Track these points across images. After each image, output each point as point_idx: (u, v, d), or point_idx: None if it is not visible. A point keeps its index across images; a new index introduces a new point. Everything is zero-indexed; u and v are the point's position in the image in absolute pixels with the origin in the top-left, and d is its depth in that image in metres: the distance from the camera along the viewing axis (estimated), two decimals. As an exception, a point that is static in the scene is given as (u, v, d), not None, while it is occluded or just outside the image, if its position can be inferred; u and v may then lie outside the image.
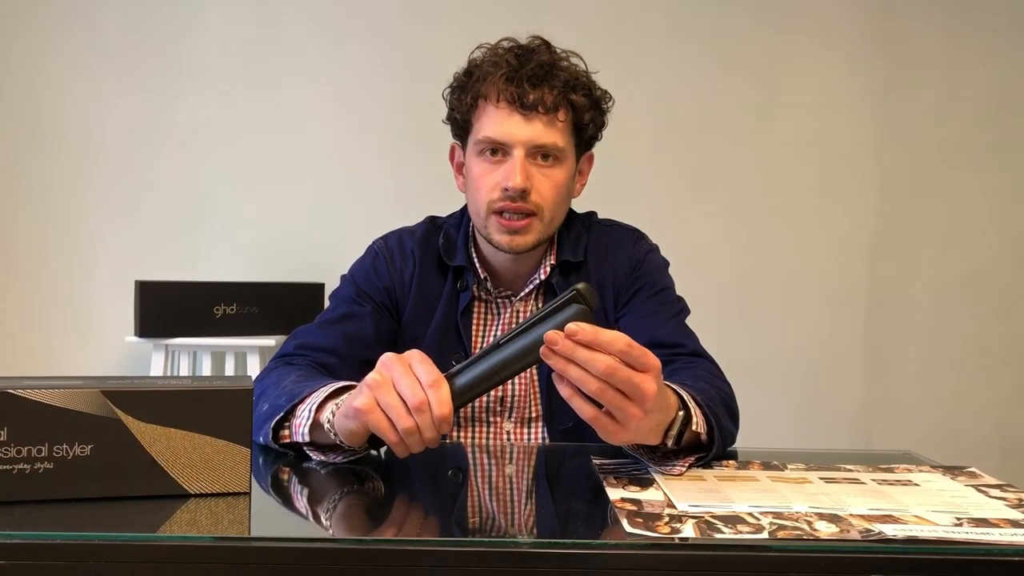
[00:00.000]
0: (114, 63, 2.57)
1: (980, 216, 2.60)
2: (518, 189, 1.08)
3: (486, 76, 1.11)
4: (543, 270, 1.18)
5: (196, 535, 0.63)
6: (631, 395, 0.75)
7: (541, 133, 1.10)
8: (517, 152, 1.09)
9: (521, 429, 1.18)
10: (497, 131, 1.10)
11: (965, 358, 2.60)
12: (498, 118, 1.10)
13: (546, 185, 1.11)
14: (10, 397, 0.67)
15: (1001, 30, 2.57)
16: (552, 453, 1.04)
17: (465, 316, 1.18)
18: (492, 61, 1.12)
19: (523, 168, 1.09)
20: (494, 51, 1.15)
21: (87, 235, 2.59)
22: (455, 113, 1.16)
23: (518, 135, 1.09)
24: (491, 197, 1.11)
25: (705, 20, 2.58)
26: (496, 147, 1.11)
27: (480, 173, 1.12)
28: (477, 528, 0.72)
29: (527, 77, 1.09)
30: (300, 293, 2.34)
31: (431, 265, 1.19)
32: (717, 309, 2.56)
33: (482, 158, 1.12)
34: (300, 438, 0.88)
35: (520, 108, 1.09)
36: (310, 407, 0.88)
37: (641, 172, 2.57)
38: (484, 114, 1.12)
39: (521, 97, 1.08)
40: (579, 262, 1.19)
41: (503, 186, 1.09)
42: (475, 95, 1.12)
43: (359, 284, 1.19)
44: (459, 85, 1.15)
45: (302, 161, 2.59)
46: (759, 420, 2.54)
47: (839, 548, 0.62)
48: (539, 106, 1.09)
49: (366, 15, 2.58)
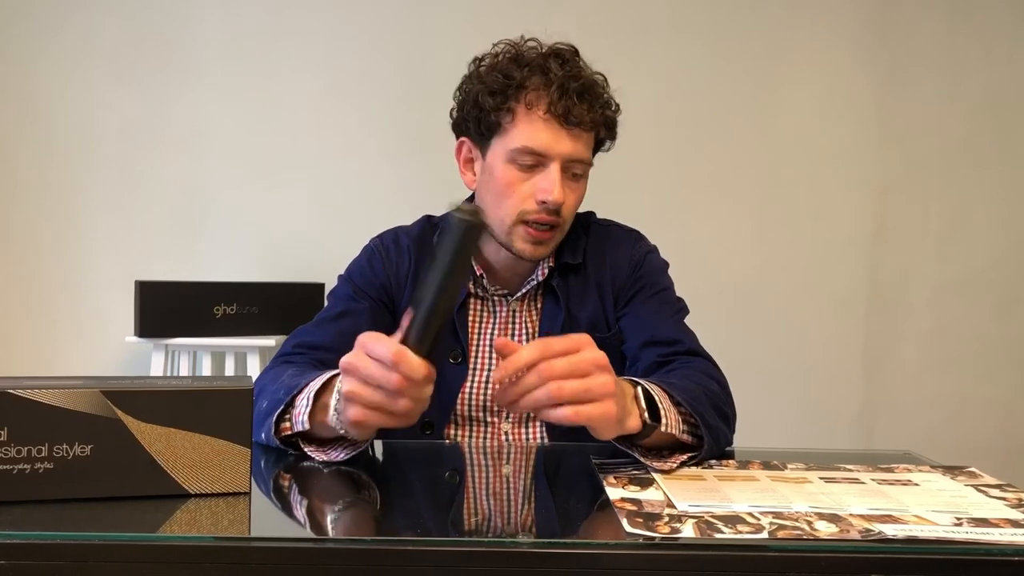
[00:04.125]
0: (114, 63, 2.57)
1: (980, 216, 2.60)
2: (558, 203, 1.09)
3: (531, 83, 1.09)
4: (541, 272, 1.19)
5: (196, 535, 0.63)
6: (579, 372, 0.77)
7: (579, 149, 1.11)
8: (555, 165, 1.09)
9: (519, 429, 1.18)
10: (539, 143, 1.08)
11: (965, 358, 2.59)
12: (543, 130, 1.08)
13: (572, 199, 1.13)
14: (10, 397, 0.67)
15: (1002, 29, 2.57)
16: (552, 453, 1.04)
17: (461, 313, 1.18)
18: (535, 66, 1.10)
19: (561, 182, 1.09)
20: (531, 54, 1.12)
21: (87, 235, 2.59)
22: (483, 113, 1.12)
23: (559, 149, 1.09)
24: (524, 207, 1.10)
25: (706, 19, 2.58)
26: (534, 158, 1.09)
27: (512, 180, 1.11)
28: (477, 528, 0.72)
29: (575, 92, 1.08)
30: (300, 293, 2.34)
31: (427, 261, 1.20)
32: (717, 309, 2.56)
33: (514, 165, 1.10)
34: (300, 426, 0.88)
35: (565, 122, 1.08)
36: (307, 396, 0.89)
37: (641, 172, 2.57)
38: (525, 122, 1.09)
39: (568, 112, 1.08)
40: (578, 264, 1.20)
41: (542, 199, 1.09)
42: (516, 99, 1.10)
43: (356, 282, 1.20)
44: (496, 87, 1.11)
45: (302, 161, 2.59)
46: (759, 420, 2.54)
47: (839, 548, 0.62)
48: (582, 123, 1.09)
49: (367, 16, 2.58)
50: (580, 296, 1.19)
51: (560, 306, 1.17)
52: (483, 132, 1.14)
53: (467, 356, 1.17)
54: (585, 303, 1.19)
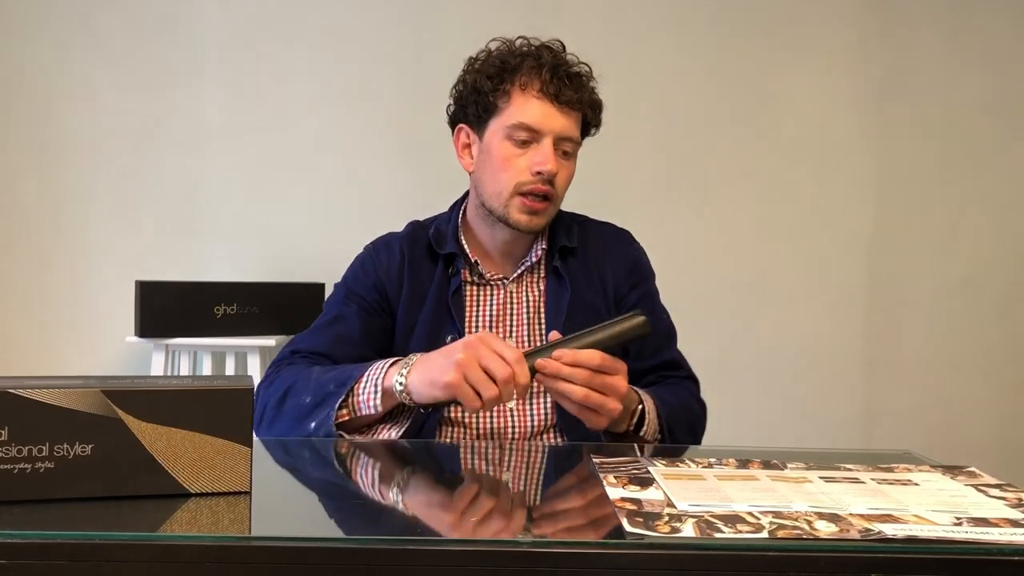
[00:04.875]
0: (115, 63, 2.57)
1: (980, 216, 2.60)
2: (552, 173, 1.18)
3: (524, 67, 1.19)
4: (534, 254, 1.27)
5: (196, 535, 0.63)
6: (608, 392, 1.00)
7: (569, 126, 1.20)
8: (548, 140, 1.19)
9: (523, 406, 1.22)
10: (533, 118, 1.18)
11: (965, 358, 2.59)
12: (537, 107, 1.18)
13: (563, 174, 1.22)
14: (11, 397, 0.67)
15: (1001, 30, 2.57)
16: (552, 453, 1.04)
17: (457, 299, 1.24)
18: (529, 54, 1.21)
19: (554, 154, 1.19)
20: (523, 47, 1.23)
21: (87, 235, 2.59)
22: (481, 96, 1.21)
23: (552, 125, 1.19)
24: (520, 179, 1.19)
25: (706, 19, 2.58)
26: (528, 133, 1.19)
27: (508, 155, 1.20)
28: (477, 528, 0.72)
29: (565, 74, 1.19)
30: (300, 293, 2.34)
31: (421, 256, 1.27)
32: (717, 309, 2.56)
33: (510, 141, 1.20)
34: (371, 410, 1.05)
35: (556, 101, 1.18)
36: (374, 382, 1.06)
37: (642, 171, 2.57)
38: (520, 101, 1.19)
39: (560, 91, 1.18)
40: (574, 247, 1.29)
41: (536, 170, 1.18)
42: (511, 82, 1.19)
43: (348, 286, 1.28)
44: (493, 72, 1.21)
45: (302, 161, 2.59)
46: (759, 420, 2.55)
47: (839, 548, 0.62)
48: (571, 102, 1.19)
49: (367, 16, 2.58)
50: (582, 278, 1.28)
51: (565, 286, 1.25)
52: (480, 115, 1.23)
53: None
54: (587, 285, 1.27)
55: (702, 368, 1.34)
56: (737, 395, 2.50)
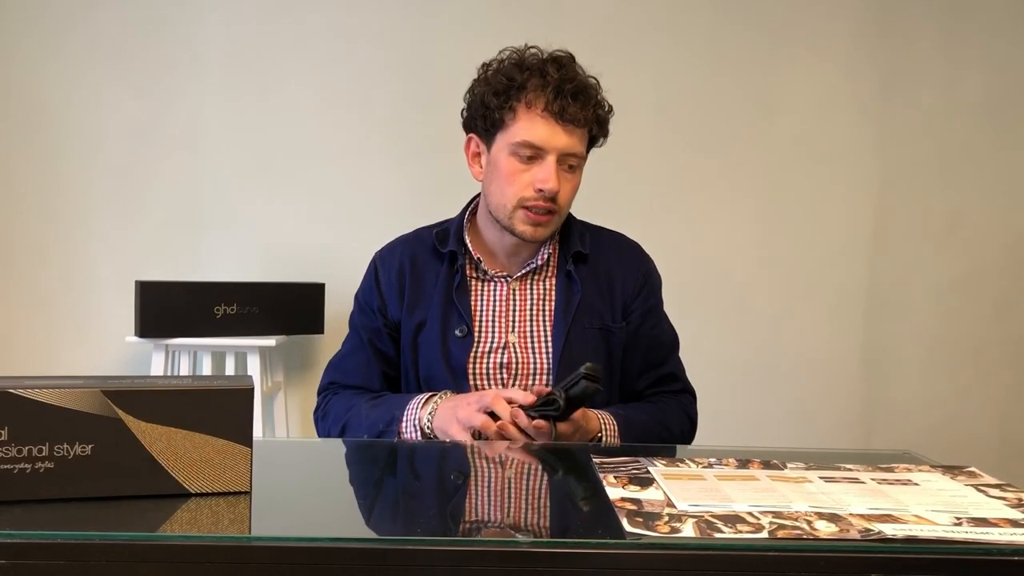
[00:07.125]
0: (115, 63, 2.57)
1: (980, 216, 2.59)
2: (554, 191, 1.22)
3: (530, 84, 1.22)
4: (541, 256, 1.32)
5: (196, 534, 0.63)
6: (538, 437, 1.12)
7: (573, 143, 1.23)
8: (551, 157, 1.22)
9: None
10: (537, 137, 1.22)
11: (965, 358, 2.59)
12: (541, 125, 1.22)
13: (567, 188, 1.25)
14: (10, 397, 0.67)
15: (1000, 30, 2.56)
16: (552, 453, 1.04)
17: (462, 293, 1.30)
18: (535, 70, 1.23)
19: (557, 173, 1.22)
20: (532, 60, 1.25)
21: (87, 235, 2.59)
22: (489, 111, 1.25)
23: (555, 143, 1.22)
24: (523, 194, 1.23)
25: (706, 19, 2.57)
26: (533, 151, 1.22)
27: (513, 171, 1.24)
28: (477, 528, 0.72)
29: (570, 93, 1.22)
30: (300, 293, 2.34)
31: (426, 257, 1.34)
32: (717, 309, 2.56)
33: (515, 157, 1.24)
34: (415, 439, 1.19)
35: (560, 119, 1.21)
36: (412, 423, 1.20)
37: (642, 172, 2.57)
38: (525, 119, 1.23)
39: (563, 110, 1.21)
40: (586, 253, 1.33)
41: (539, 187, 1.22)
42: (517, 99, 1.23)
43: (359, 310, 1.36)
44: (500, 88, 1.24)
45: (302, 161, 2.58)
46: (759, 420, 2.55)
47: (839, 548, 0.62)
48: (575, 120, 1.22)
49: (367, 16, 2.57)
50: (591, 284, 1.32)
51: (576, 289, 1.30)
52: (488, 128, 1.27)
53: (471, 330, 1.30)
54: (595, 291, 1.32)
55: (702, 368, 1.35)
56: (737, 395, 2.50)
